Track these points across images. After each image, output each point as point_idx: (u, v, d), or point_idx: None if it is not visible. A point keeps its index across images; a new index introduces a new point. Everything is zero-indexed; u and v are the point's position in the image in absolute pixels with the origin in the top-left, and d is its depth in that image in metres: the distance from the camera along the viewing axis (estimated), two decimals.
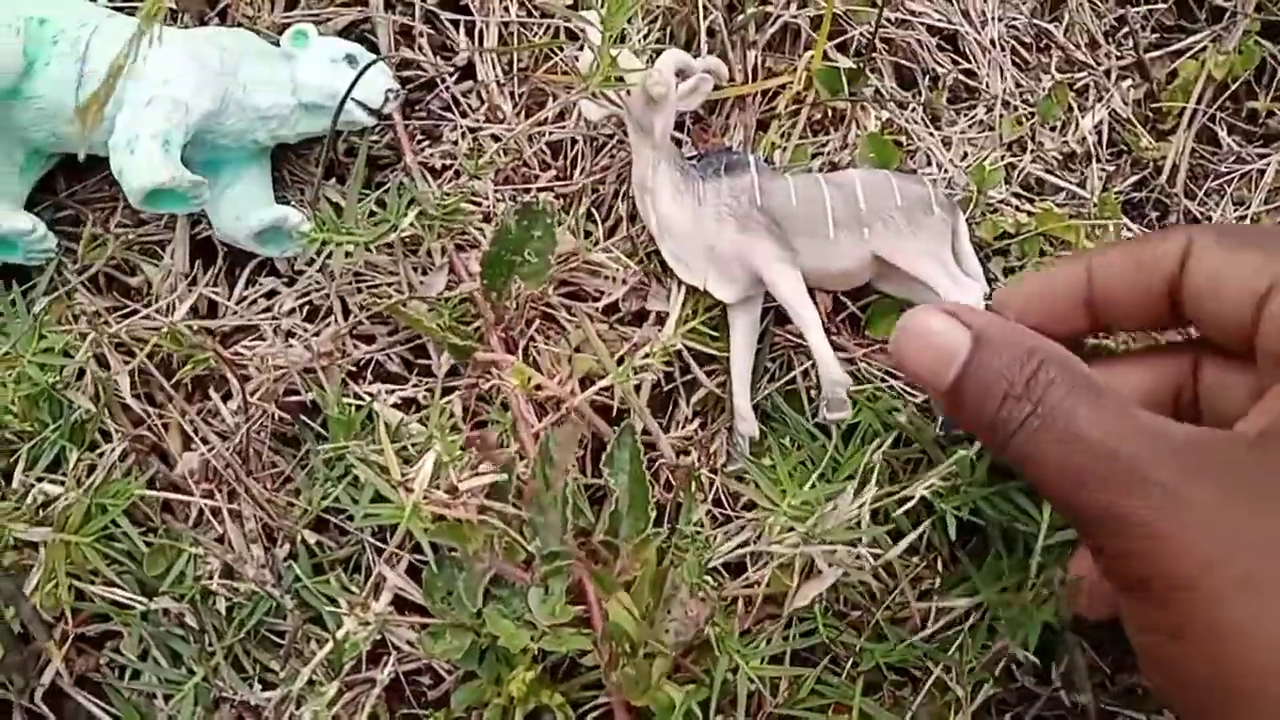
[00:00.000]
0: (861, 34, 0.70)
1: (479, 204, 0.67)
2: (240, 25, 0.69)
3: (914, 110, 0.71)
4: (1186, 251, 0.43)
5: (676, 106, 0.60)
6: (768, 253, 0.59)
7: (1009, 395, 0.40)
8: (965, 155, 0.71)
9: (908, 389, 0.64)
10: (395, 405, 0.64)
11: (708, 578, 0.58)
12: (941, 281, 0.59)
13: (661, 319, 0.64)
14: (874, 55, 0.70)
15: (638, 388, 0.64)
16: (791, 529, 0.54)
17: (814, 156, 0.69)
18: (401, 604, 0.63)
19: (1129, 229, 0.69)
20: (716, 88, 0.65)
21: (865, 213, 0.59)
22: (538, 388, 0.61)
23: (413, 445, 0.59)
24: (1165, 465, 0.37)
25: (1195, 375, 0.48)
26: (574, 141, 0.69)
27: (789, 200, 0.59)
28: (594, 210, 0.68)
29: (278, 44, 0.63)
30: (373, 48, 0.69)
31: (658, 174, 0.59)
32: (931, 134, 0.70)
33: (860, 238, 0.59)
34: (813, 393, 0.64)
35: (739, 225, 0.59)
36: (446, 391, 0.65)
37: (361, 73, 0.59)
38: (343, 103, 0.60)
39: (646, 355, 0.60)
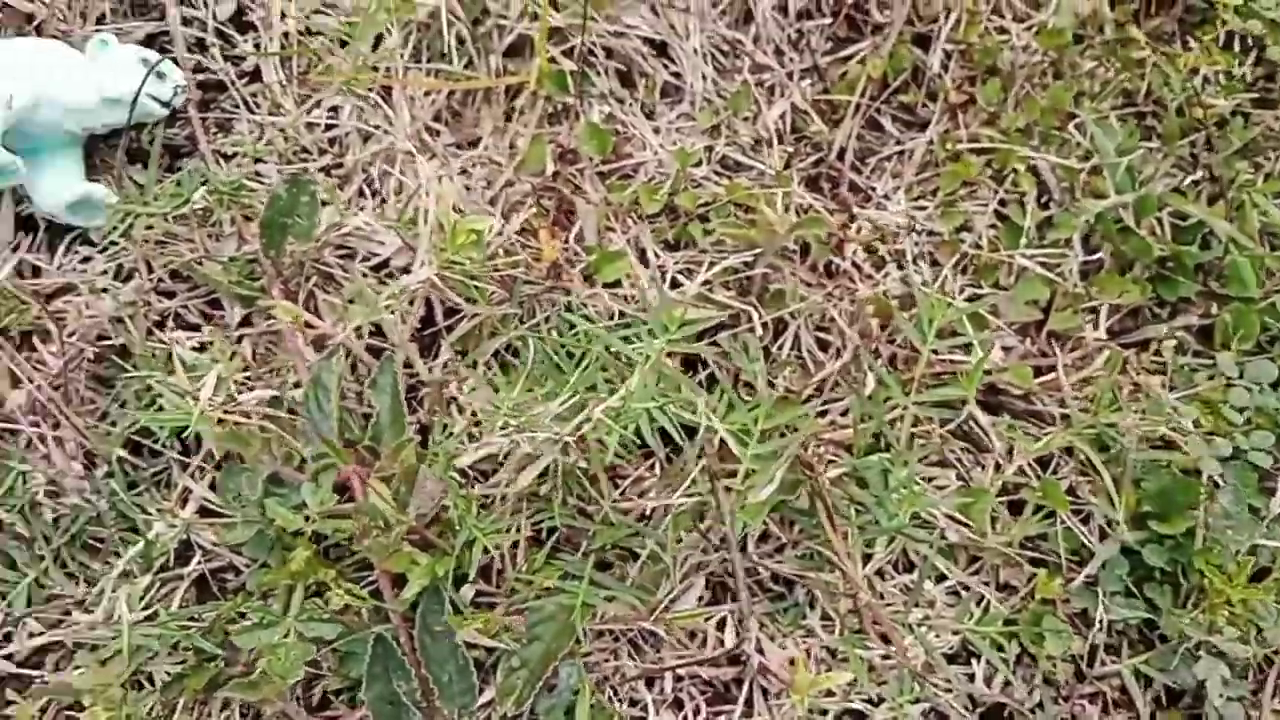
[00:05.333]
0: (583, 43, 0.87)
1: (264, 183, 0.81)
2: (56, 37, 0.81)
3: (631, 105, 0.88)
4: None
5: None
6: None
7: None
8: (675, 141, 0.88)
9: None
10: (194, 348, 0.77)
11: (455, 474, 0.73)
12: None
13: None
14: (592, 60, 0.87)
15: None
16: (506, 425, 0.70)
17: (550, 142, 0.85)
18: (207, 513, 0.76)
19: (801, 197, 0.87)
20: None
21: None
22: (309, 326, 0.75)
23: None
24: None
25: None
26: (347, 133, 0.84)
27: None
28: (365, 187, 0.83)
29: (84, 51, 0.76)
30: (172, 57, 0.82)
31: None
32: (644, 124, 0.87)
33: None
34: None
35: None
36: (241, 337, 0.78)
37: (150, 71, 0.73)
38: (137, 96, 0.74)
39: (395, 298, 0.75)
